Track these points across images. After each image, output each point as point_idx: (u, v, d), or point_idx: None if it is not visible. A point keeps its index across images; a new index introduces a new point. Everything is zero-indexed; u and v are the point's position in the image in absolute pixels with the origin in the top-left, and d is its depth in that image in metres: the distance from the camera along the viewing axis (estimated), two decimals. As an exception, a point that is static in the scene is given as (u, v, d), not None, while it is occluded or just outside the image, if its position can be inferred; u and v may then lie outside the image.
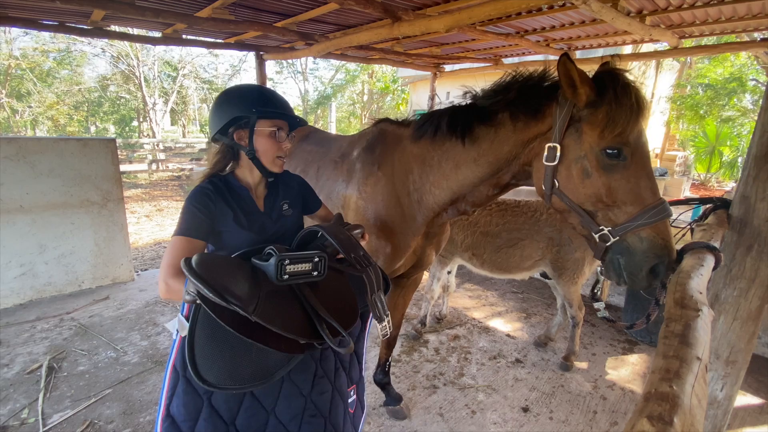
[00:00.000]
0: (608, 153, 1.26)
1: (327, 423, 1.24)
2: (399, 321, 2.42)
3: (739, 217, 1.48)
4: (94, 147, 3.86)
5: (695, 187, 11.02)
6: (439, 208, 1.82)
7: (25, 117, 17.40)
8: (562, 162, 1.35)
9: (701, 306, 0.82)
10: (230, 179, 1.32)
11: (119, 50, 16.48)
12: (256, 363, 1.04)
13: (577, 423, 2.45)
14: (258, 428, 1.15)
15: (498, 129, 1.53)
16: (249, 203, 1.31)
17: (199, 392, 1.10)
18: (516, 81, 1.51)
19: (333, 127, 15.74)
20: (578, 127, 1.32)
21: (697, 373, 0.63)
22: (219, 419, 1.11)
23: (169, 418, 1.10)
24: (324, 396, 1.24)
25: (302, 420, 1.19)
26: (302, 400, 1.19)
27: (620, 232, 1.26)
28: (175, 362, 1.11)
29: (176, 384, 1.11)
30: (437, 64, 6.19)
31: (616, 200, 1.27)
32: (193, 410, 1.10)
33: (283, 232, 1.35)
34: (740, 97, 9.73)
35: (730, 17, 3.19)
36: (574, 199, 1.35)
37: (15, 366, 2.77)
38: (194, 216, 1.19)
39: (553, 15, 3.34)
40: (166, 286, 1.10)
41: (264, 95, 1.28)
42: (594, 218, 1.32)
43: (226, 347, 1.00)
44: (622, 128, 1.23)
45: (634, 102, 1.23)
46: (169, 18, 3.21)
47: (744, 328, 1.48)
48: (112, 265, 4.14)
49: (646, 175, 1.26)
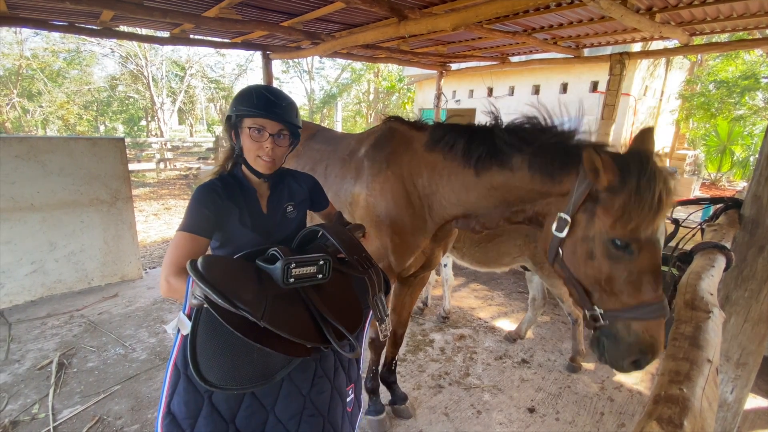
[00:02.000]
0: (616, 244, 1.21)
1: (326, 422, 1.24)
2: (406, 319, 2.41)
3: (751, 218, 1.45)
4: (103, 146, 3.91)
5: (705, 187, 10.86)
6: (449, 218, 1.81)
7: (36, 116, 17.65)
8: (570, 235, 1.31)
9: (712, 307, 0.81)
10: (239, 175, 1.32)
11: (128, 50, 16.65)
12: (257, 364, 1.04)
13: (584, 424, 2.43)
14: (257, 427, 1.15)
15: (514, 173, 1.49)
16: (255, 203, 1.30)
17: (200, 391, 1.10)
18: (542, 132, 1.46)
19: (339, 126, 15.76)
20: (593, 208, 1.26)
21: (707, 376, 0.62)
22: (219, 417, 1.11)
23: (170, 416, 1.10)
24: (323, 395, 1.24)
25: (301, 419, 1.19)
26: (301, 400, 1.19)
27: (611, 318, 1.23)
28: (176, 360, 1.10)
29: (177, 382, 1.10)
30: (443, 63, 6.17)
31: (615, 288, 1.23)
32: (194, 408, 1.10)
33: (285, 234, 1.34)
34: (752, 95, 9.57)
35: (742, 14, 3.14)
36: (574, 274, 1.32)
37: (26, 362, 2.81)
38: (200, 212, 1.18)
39: (561, 12, 3.31)
40: (168, 285, 1.10)
41: (253, 95, 1.25)
42: (590, 297, 1.29)
43: (227, 348, 1.01)
44: (636, 224, 1.17)
45: (656, 199, 1.15)
46: (177, 18, 3.23)
47: (755, 330, 1.46)
48: (120, 263, 4.18)
49: (651, 271, 1.19)
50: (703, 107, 9.16)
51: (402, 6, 3.02)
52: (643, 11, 3.14)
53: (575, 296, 1.35)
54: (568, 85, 7.75)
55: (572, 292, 1.36)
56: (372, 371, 2.35)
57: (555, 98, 7.97)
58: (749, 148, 10.06)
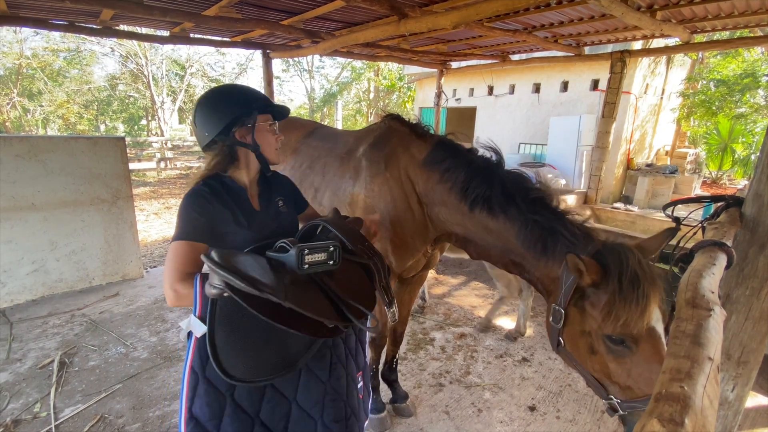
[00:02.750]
0: (612, 339, 1.18)
1: (346, 406, 1.26)
2: (405, 317, 2.41)
3: (752, 216, 1.45)
4: (103, 145, 3.91)
5: (706, 185, 10.84)
6: (449, 232, 1.80)
7: (36, 116, 17.66)
8: (567, 327, 1.28)
9: (713, 305, 0.81)
10: (226, 180, 1.28)
11: (128, 49, 16.64)
12: (278, 354, 1.07)
13: (584, 422, 2.44)
14: (282, 418, 1.17)
15: (505, 233, 1.50)
16: (246, 203, 1.29)
17: (221, 390, 1.10)
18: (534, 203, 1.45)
19: (339, 125, 15.75)
20: (582, 303, 1.25)
21: (708, 374, 0.62)
22: (244, 414, 1.12)
23: (193, 420, 1.09)
24: (341, 381, 1.27)
25: (324, 405, 1.21)
26: (322, 387, 1.22)
27: (629, 410, 1.17)
28: (192, 363, 1.09)
29: (196, 385, 1.10)
30: (444, 61, 6.16)
31: (626, 381, 1.18)
32: (217, 409, 1.10)
33: (282, 228, 1.34)
34: (753, 93, 9.54)
35: (743, 11, 3.13)
36: (582, 365, 1.28)
37: (27, 361, 2.82)
38: (193, 219, 1.17)
39: (562, 10, 3.30)
40: (175, 293, 1.08)
41: (250, 92, 1.29)
42: (604, 387, 1.24)
43: (248, 341, 1.03)
44: (625, 321, 1.14)
45: (641, 299, 1.13)
46: (177, 17, 3.23)
47: (756, 328, 1.46)
48: (121, 262, 4.19)
49: (658, 361, 1.13)
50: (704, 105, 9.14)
51: (402, 4, 3.02)
52: (644, 9, 3.13)
53: (589, 385, 1.31)
54: (568, 84, 7.73)
55: (585, 381, 1.33)
56: (372, 370, 2.36)
57: (556, 96, 7.95)
58: (750, 146, 10.03)
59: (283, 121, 1.42)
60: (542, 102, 8.17)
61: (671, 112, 9.29)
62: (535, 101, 8.26)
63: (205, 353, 1.03)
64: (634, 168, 7.71)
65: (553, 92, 8.02)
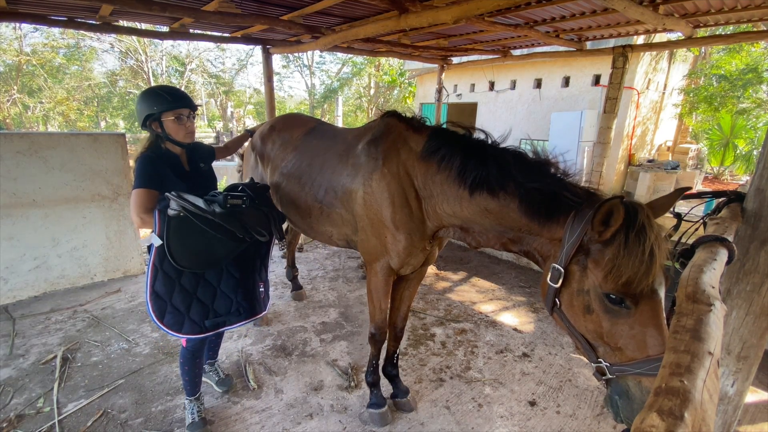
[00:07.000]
0: (611, 298, 1.17)
1: (252, 295, 2.04)
2: (405, 313, 2.42)
3: (754, 211, 1.44)
4: (104, 142, 3.91)
5: (708, 181, 10.82)
6: (447, 225, 1.82)
7: (36, 113, 17.64)
8: (565, 286, 1.28)
9: (714, 300, 0.81)
10: (166, 150, 1.92)
11: (127, 46, 16.59)
12: (208, 255, 1.74)
13: (584, 417, 2.45)
14: (210, 297, 1.90)
15: (506, 207, 1.51)
16: (179, 166, 1.95)
17: (172, 277, 1.78)
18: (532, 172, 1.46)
19: (340, 121, 15.68)
20: (585, 260, 1.24)
21: (708, 368, 0.62)
22: (186, 292, 1.83)
23: (155, 293, 1.76)
24: (248, 280, 2.04)
25: (236, 290, 1.98)
26: (236, 281, 1.98)
27: (618, 373, 1.18)
28: (154, 261, 1.73)
29: (156, 274, 1.75)
30: (444, 57, 6.14)
31: (618, 343, 1.18)
32: (170, 287, 1.78)
33: (203, 180, 2.04)
34: (756, 88, 9.49)
35: (747, 5, 3.11)
36: (574, 326, 1.29)
37: (30, 357, 2.84)
38: (148, 174, 1.79)
39: (563, 5, 3.28)
40: (141, 219, 1.73)
41: (162, 93, 1.82)
42: (594, 350, 1.25)
43: (190, 246, 1.68)
44: (628, 279, 1.12)
45: (647, 254, 1.11)
46: (176, 12, 3.21)
47: (757, 323, 1.46)
48: (123, 258, 4.20)
49: (654, 325, 1.12)
50: (706, 101, 9.09)
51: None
52: (647, 3, 3.11)
53: (579, 348, 1.32)
54: (570, 79, 7.70)
55: (575, 344, 1.34)
56: (372, 365, 2.37)
57: (557, 92, 7.91)
58: (752, 141, 9.99)
59: (287, 117, 2.35)
60: (543, 97, 8.13)
61: (673, 107, 9.25)
62: (537, 97, 8.22)
63: (163, 254, 1.68)
64: (636, 164, 7.69)
65: (554, 88, 7.98)
